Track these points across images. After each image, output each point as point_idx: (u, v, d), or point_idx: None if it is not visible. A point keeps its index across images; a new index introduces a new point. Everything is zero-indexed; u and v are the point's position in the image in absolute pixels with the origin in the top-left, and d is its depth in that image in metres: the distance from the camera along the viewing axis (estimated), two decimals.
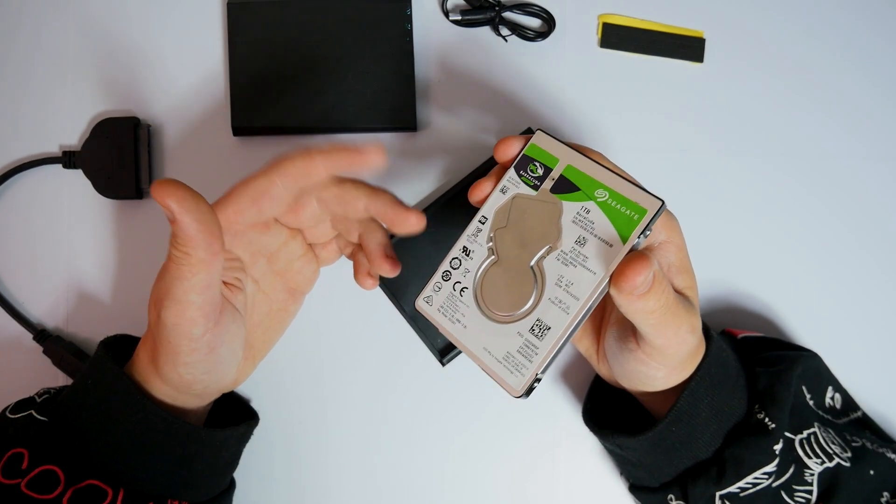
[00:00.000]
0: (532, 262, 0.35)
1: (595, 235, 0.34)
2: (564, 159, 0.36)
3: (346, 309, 0.50)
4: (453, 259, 0.37)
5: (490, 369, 0.35)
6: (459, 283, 0.37)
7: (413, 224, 0.39)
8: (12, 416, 0.41)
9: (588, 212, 0.35)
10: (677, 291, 0.38)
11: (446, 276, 0.37)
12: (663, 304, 0.34)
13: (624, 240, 0.33)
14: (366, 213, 0.40)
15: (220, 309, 0.37)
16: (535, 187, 0.36)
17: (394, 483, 0.50)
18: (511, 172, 0.37)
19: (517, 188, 0.37)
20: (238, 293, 0.41)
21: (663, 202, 0.33)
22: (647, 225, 0.33)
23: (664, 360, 0.38)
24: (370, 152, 0.38)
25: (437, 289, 0.38)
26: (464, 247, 0.37)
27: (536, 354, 0.34)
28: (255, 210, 0.39)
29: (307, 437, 0.50)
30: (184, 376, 0.38)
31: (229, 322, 0.39)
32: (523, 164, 0.37)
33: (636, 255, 0.33)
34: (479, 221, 0.37)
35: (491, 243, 0.37)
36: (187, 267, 0.35)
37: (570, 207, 0.35)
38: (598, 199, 0.34)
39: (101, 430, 0.39)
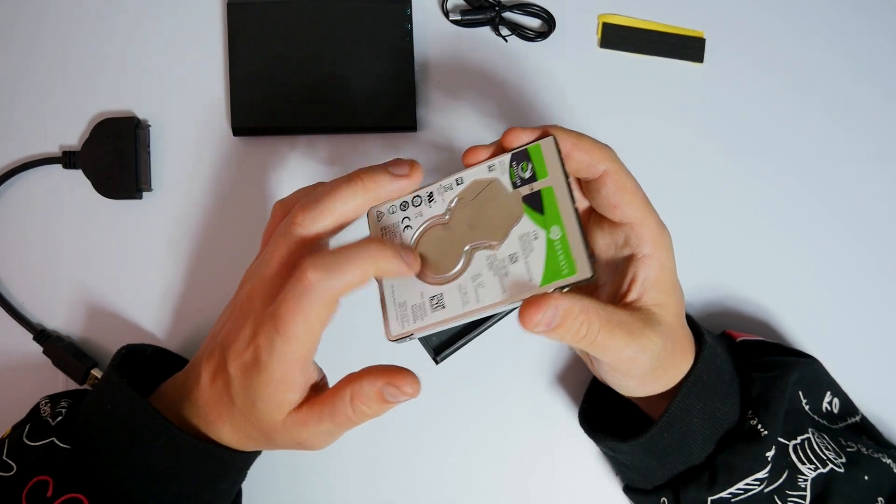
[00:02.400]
0: (468, 247, 0.36)
1: (526, 262, 0.35)
2: (550, 180, 0.36)
3: (342, 307, 0.50)
4: (416, 196, 0.38)
5: (385, 303, 0.37)
6: (409, 219, 0.38)
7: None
8: (33, 444, 0.41)
9: (535, 238, 0.35)
10: (638, 308, 0.38)
11: (404, 207, 0.38)
12: (584, 335, 0.35)
13: (541, 283, 0.34)
14: None
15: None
16: (515, 185, 0.36)
17: (393, 484, 0.50)
18: (506, 158, 0.37)
19: (501, 176, 0.37)
20: None
21: (592, 276, 0.33)
22: (568, 285, 0.34)
23: (624, 374, 0.39)
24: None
25: (391, 211, 0.38)
26: (431, 192, 0.38)
27: (422, 320, 0.36)
28: None
29: None
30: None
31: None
32: (520, 157, 0.37)
33: (537, 298, 0.33)
34: (456, 181, 0.38)
35: (452, 205, 0.37)
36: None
37: (525, 223, 0.35)
38: (550, 235, 0.35)
39: (125, 457, 0.39)
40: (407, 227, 0.38)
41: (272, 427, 0.37)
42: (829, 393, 0.46)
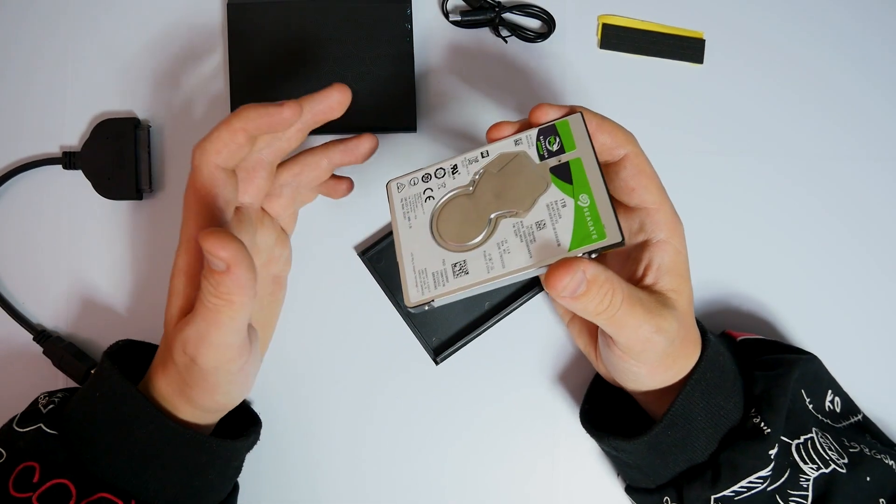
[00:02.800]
0: (493, 215, 0.37)
1: (554, 228, 0.35)
2: (579, 152, 0.37)
3: (341, 306, 0.50)
4: (439, 168, 0.38)
5: (403, 271, 0.37)
6: (431, 190, 0.38)
7: (366, 146, 0.42)
8: (21, 430, 0.41)
9: (563, 206, 0.35)
10: (655, 292, 0.38)
11: (426, 178, 0.38)
12: (606, 307, 0.35)
13: (569, 248, 0.34)
14: (328, 169, 0.43)
15: (249, 336, 0.38)
16: (542, 157, 0.37)
17: (392, 484, 0.50)
18: (532, 133, 0.38)
19: (528, 149, 0.37)
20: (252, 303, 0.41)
21: (622, 241, 0.34)
22: (597, 250, 0.34)
23: (637, 357, 0.39)
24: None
25: (412, 182, 0.39)
26: (455, 165, 0.38)
27: (443, 286, 0.36)
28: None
29: (302, 438, 0.50)
30: (220, 402, 0.40)
31: (254, 342, 0.39)
32: (547, 132, 0.37)
33: (566, 262, 0.33)
34: (481, 154, 0.38)
35: (476, 177, 0.38)
36: (228, 313, 0.35)
37: (553, 192, 0.36)
38: (579, 202, 0.35)
39: (112, 444, 0.39)
40: (429, 197, 0.38)
41: (170, 338, 0.38)
42: (830, 391, 0.46)
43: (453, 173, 0.38)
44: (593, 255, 0.35)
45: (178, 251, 0.38)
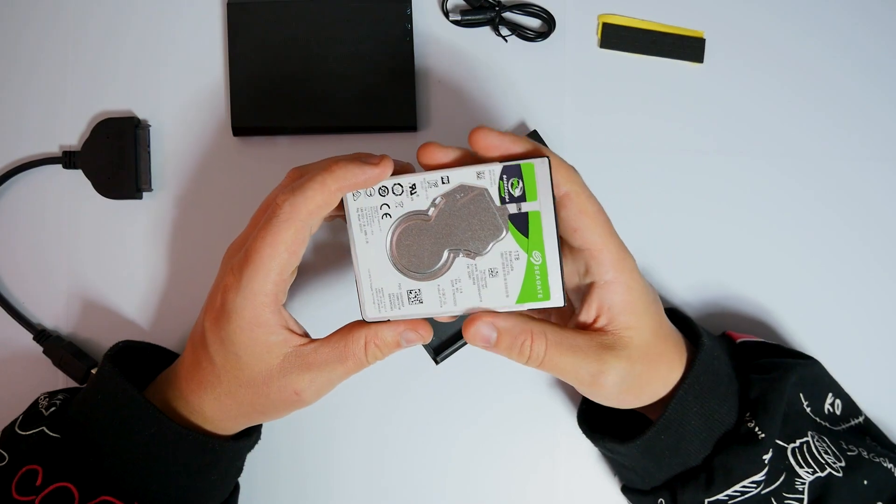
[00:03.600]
0: (447, 250, 0.37)
1: (505, 279, 0.37)
2: (540, 204, 0.36)
3: (341, 306, 0.50)
4: (397, 185, 0.38)
5: (361, 288, 0.38)
6: (388, 207, 0.38)
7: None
8: (24, 433, 0.41)
9: (517, 258, 0.37)
10: (606, 332, 0.38)
11: (383, 192, 0.38)
12: (528, 356, 0.37)
13: (516, 301, 0.37)
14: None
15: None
16: (503, 200, 0.37)
17: (392, 484, 0.50)
18: (496, 169, 0.37)
19: (490, 187, 0.37)
20: None
21: (563, 305, 0.37)
22: (540, 309, 0.38)
23: (592, 395, 0.40)
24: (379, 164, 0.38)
25: (368, 193, 0.38)
26: (414, 184, 0.37)
27: (399, 310, 0.38)
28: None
29: (301, 438, 0.50)
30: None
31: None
32: (511, 173, 0.36)
33: (476, 317, 0.37)
34: (442, 179, 0.37)
35: (436, 202, 0.37)
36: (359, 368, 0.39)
37: (509, 242, 0.37)
38: (531, 259, 0.37)
39: (114, 447, 0.39)
40: (386, 214, 0.38)
41: (267, 374, 0.38)
42: (830, 394, 0.46)
43: (412, 193, 0.37)
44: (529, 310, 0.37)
45: (252, 306, 0.37)
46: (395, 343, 0.38)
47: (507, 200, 0.37)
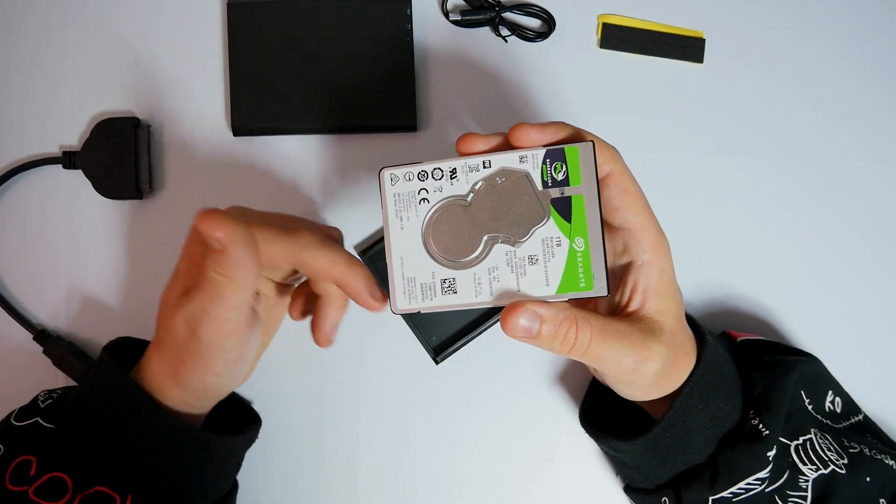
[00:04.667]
0: (486, 236, 0.36)
1: (545, 267, 0.35)
2: (584, 189, 0.35)
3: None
4: (437, 169, 0.37)
5: (392, 275, 0.37)
6: (426, 192, 0.37)
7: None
8: (18, 424, 0.41)
9: (559, 244, 0.35)
10: (641, 318, 0.38)
11: (422, 177, 0.37)
12: (572, 345, 0.35)
13: (556, 291, 0.35)
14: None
15: (251, 319, 0.38)
16: (546, 184, 0.36)
17: (392, 484, 0.50)
18: (539, 153, 0.36)
19: (533, 170, 0.36)
20: (259, 299, 0.41)
21: (607, 294, 0.35)
22: (582, 298, 0.35)
23: (628, 385, 0.39)
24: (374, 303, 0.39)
25: (407, 178, 0.37)
26: (454, 169, 0.37)
27: (431, 301, 0.36)
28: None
29: (301, 437, 0.50)
30: (209, 384, 0.39)
31: (255, 327, 0.39)
32: (555, 157, 0.36)
33: (517, 306, 0.34)
34: (483, 164, 0.36)
35: (476, 187, 0.36)
36: (230, 289, 0.35)
37: (551, 227, 0.35)
38: (574, 245, 0.35)
39: (109, 438, 0.39)
40: (423, 199, 0.37)
41: (169, 309, 0.38)
42: (830, 392, 0.46)
43: (451, 178, 0.36)
44: (568, 300, 0.35)
45: (187, 241, 0.38)
46: (210, 245, 0.34)
47: (550, 185, 0.36)
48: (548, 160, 0.36)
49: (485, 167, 0.36)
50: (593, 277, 0.35)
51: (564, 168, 0.36)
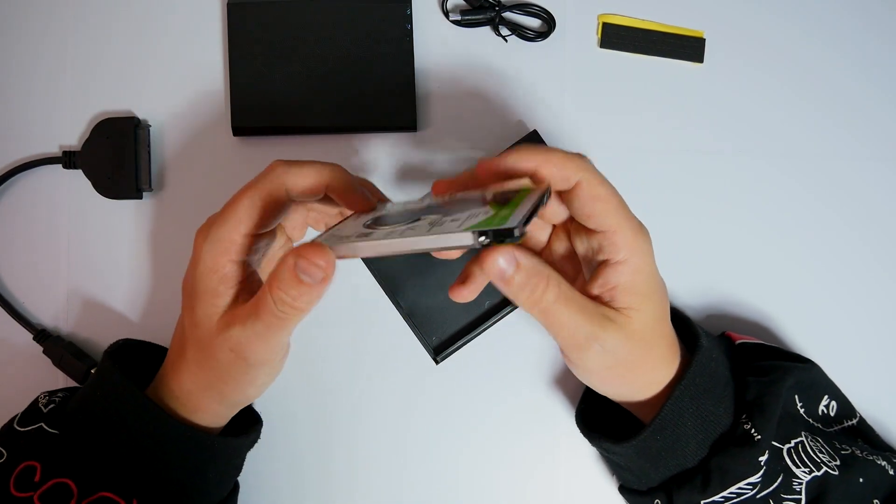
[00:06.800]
0: (423, 215, 0.36)
1: (463, 221, 0.33)
2: (531, 191, 0.35)
3: (341, 306, 0.50)
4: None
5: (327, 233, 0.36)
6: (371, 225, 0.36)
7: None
8: (22, 429, 0.41)
9: (486, 213, 0.33)
10: (609, 307, 0.38)
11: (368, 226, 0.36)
12: (538, 298, 0.35)
13: (464, 228, 0.32)
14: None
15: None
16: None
17: (392, 483, 0.50)
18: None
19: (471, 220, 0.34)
20: None
21: (516, 230, 0.31)
22: (487, 231, 0.31)
23: (578, 363, 0.39)
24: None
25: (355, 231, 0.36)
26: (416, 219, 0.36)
27: (344, 246, 0.34)
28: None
29: (301, 437, 0.50)
30: (250, 395, 0.40)
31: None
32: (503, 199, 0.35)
33: (499, 247, 0.33)
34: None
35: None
36: (295, 320, 0.35)
37: (485, 210, 0.34)
38: (500, 212, 0.33)
39: (113, 443, 0.39)
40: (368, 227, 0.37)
41: (210, 330, 0.37)
42: (826, 396, 0.46)
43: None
44: (484, 240, 0.31)
45: (213, 252, 0.37)
46: (293, 277, 0.33)
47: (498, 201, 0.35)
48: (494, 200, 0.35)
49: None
50: (508, 218, 0.32)
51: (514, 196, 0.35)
